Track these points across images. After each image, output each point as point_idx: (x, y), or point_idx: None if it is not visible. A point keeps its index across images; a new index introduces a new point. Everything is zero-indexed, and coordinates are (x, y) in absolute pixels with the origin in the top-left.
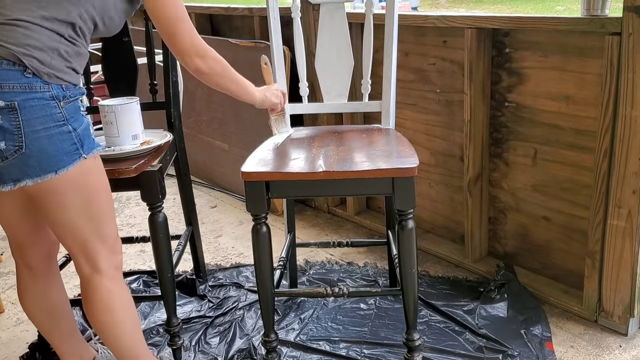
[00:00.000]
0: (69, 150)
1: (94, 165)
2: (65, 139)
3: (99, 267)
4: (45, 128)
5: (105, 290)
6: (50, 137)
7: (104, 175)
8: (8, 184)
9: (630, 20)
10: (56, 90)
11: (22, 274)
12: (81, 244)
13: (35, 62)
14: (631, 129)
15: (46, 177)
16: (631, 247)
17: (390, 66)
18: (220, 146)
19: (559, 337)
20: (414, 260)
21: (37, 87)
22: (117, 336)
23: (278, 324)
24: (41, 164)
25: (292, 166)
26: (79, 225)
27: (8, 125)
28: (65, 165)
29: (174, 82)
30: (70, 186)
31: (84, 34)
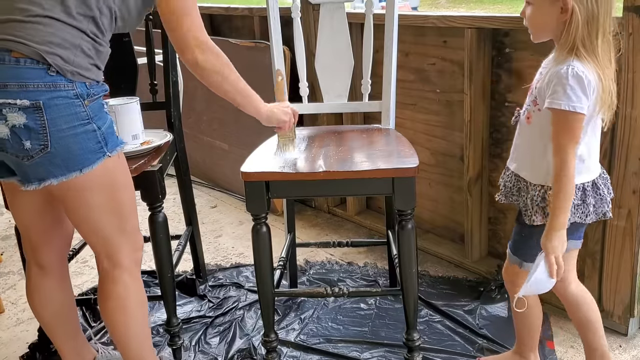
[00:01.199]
0: (94, 148)
1: (117, 163)
2: (90, 137)
3: (121, 262)
4: (70, 127)
5: (123, 286)
6: (75, 136)
7: (128, 172)
8: (33, 183)
9: (630, 20)
10: (80, 89)
11: (33, 273)
12: (104, 241)
13: (59, 60)
14: (631, 129)
15: (71, 176)
16: (631, 247)
17: (390, 66)
18: (220, 146)
19: (559, 337)
20: (414, 260)
21: (62, 86)
22: (128, 335)
23: (278, 324)
24: (66, 163)
25: (292, 166)
26: (103, 222)
27: (33, 124)
28: (90, 163)
29: (174, 82)
30: (94, 184)
31: (105, 30)
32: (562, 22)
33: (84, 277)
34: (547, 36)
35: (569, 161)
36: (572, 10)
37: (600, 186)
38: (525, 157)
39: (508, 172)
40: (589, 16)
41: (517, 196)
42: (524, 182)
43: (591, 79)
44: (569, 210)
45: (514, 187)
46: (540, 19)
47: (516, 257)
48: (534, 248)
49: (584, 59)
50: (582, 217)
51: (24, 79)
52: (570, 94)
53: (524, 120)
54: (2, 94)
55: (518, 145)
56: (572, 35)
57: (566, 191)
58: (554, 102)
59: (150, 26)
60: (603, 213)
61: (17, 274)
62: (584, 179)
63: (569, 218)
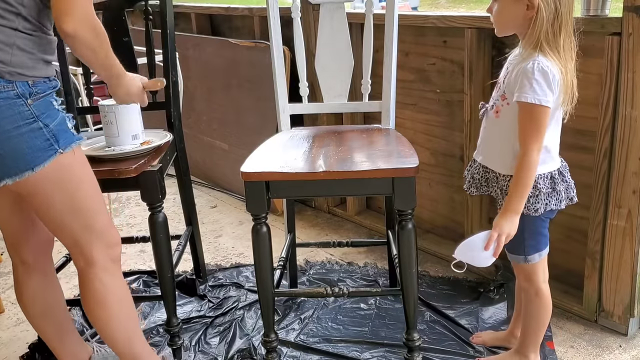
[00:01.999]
0: (43, 146)
1: (73, 159)
2: (37, 135)
3: (94, 259)
4: (15, 127)
5: (99, 283)
6: (21, 136)
7: (87, 168)
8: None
9: (630, 20)
10: (21, 88)
11: (18, 271)
12: (73, 239)
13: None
14: (631, 129)
15: (24, 176)
16: (631, 247)
17: (390, 66)
18: (220, 146)
19: (559, 337)
20: (414, 260)
21: (0, 87)
22: (113, 332)
23: (278, 324)
24: (16, 163)
25: (292, 166)
26: (66, 221)
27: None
28: (40, 162)
29: (174, 82)
30: (50, 183)
31: (36, 21)
32: (528, 19)
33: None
34: (511, 32)
35: (533, 152)
36: (538, 8)
37: (564, 173)
38: (493, 149)
39: (475, 164)
40: (553, 14)
41: (487, 187)
42: (492, 173)
43: (555, 73)
44: (526, 197)
45: (482, 179)
46: (506, 15)
47: (517, 255)
48: (528, 238)
49: (547, 54)
50: (557, 204)
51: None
52: (536, 87)
53: (492, 114)
54: None
55: (485, 138)
56: (537, 32)
57: (527, 179)
58: (521, 95)
59: (150, 26)
60: (570, 198)
61: None
62: (550, 168)
63: (545, 207)
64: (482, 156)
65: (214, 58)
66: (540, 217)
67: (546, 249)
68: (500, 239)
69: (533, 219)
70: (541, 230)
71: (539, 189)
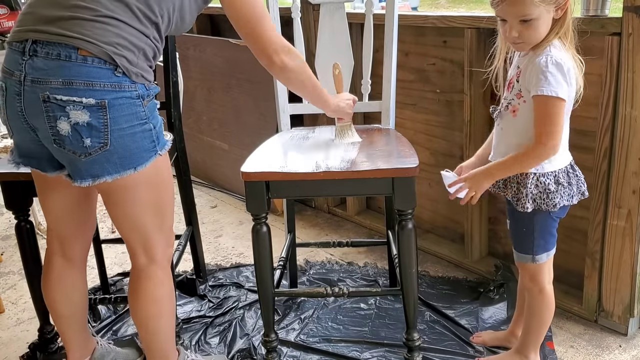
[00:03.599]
0: (148, 147)
1: (164, 162)
2: (146, 136)
3: (156, 258)
4: (130, 126)
5: (158, 281)
6: (133, 135)
7: (170, 171)
8: (86, 179)
9: (630, 20)
10: (141, 90)
11: (56, 265)
12: (144, 237)
13: (125, 62)
14: (631, 129)
15: (125, 174)
16: (631, 247)
17: (390, 66)
18: (220, 146)
19: (559, 337)
20: (414, 260)
21: (126, 87)
22: (157, 328)
23: (278, 324)
24: (122, 161)
25: (292, 166)
26: (146, 219)
27: (96, 122)
28: (144, 162)
29: (174, 83)
30: (144, 182)
31: (163, 35)
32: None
33: None
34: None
35: (547, 147)
36: (566, 4)
37: (575, 168)
38: (509, 148)
39: None
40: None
41: (504, 187)
42: None
43: (570, 66)
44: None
45: (501, 180)
46: (542, 28)
47: (525, 255)
48: (538, 237)
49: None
50: (569, 199)
51: (91, 77)
52: (551, 80)
53: (509, 114)
54: (67, 91)
55: (503, 138)
56: (564, 28)
57: (525, 165)
58: (537, 89)
59: None
60: (582, 192)
61: (17, 274)
62: (565, 162)
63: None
64: (501, 157)
65: (214, 58)
66: (552, 217)
67: (553, 249)
68: (470, 194)
69: (544, 218)
70: (551, 230)
71: (560, 184)
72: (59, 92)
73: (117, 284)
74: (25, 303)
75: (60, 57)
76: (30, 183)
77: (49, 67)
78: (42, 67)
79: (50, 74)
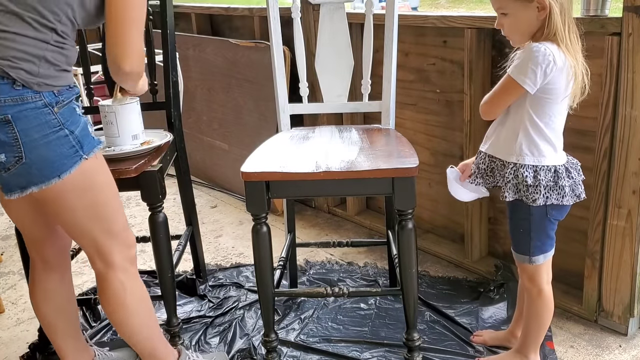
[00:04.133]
0: (69, 153)
1: (96, 164)
2: (64, 142)
3: (113, 262)
4: (42, 136)
5: (119, 285)
6: (48, 144)
7: (108, 172)
8: (15, 192)
9: (630, 20)
10: (48, 98)
11: (37, 268)
12: (93, 243)
13: (23, 74)
14: (631, 129)
15: (50, 183)
16: (631, 247)
17: (390, 66)
18: (220, 146)
19: (558, 337)
20: (414, 260)
21: (29, 98)
22: (133, 331)
23: (278, 324)
24: (43, 171)
25: (292, 166)
26: (88, 225)
27: (5, 137)
28: (67, 168)
29: (174, 82)
30: (75, 189)
31: (67, 36)
32: (541, 21)
33: (84, 277)
34: (528, 38)
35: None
36: (550, 7)
37: (571, 170)
38: (499, 137)
39: (481, 154)
40: (560, 7)
41: (492, 177)
42: (499, 161)
43: (559, 61)
44: None
45: (488, 169)
46: (520, 24)
47: (522, 255)
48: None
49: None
50: (559, 199)
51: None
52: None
53: None
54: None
55: (492, 127)
56: (552, 29)
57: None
58: (513, 70)
59: (150, 26)
60: (577, 195)
61: (17, 274)
62: (554, 162)
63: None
64: (488, 145)
65: (214, 58)
66: (549, 219)
67: (551, 251)
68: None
69: (541, 219)
70: (548, 232)
71: (539, 180)
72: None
73: None
74: (25, 303)
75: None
76: None
77: None
78: None
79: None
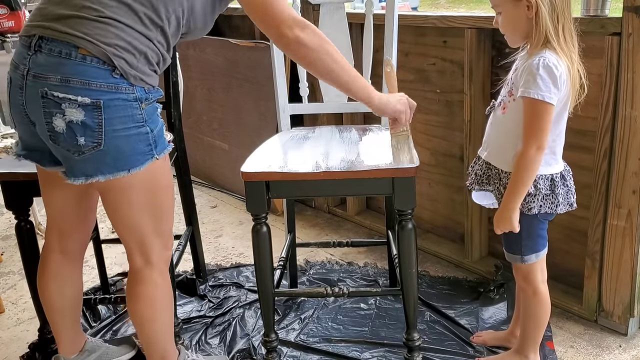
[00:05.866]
0: (144, 150)
1: (163, 165)
2: (142, 139)
3: (152, 260)
4: (125, 128)
5: (154, 284)
6: (128, 137)
7: (170, 174)
8: (79, 178)
9: (630, 20)
10: (139, 93)
11: (53, 259)
12: (140, 240)
13: (124, 64)
14: (631, 129)
15: (118, 175)
16: (631, 247)
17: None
18: (220, 146)
19: (558, 337)
20: (414, 260)
21: (123, 89)
22: (155, 330)
23: (278, 324)
24: (116, 162)
25: (292, 166)
26: (141, 222)
27: (90, 122)
28: (138, 164)
29: (174, 82)
30: (139, 185)
31: (170, 40)
32: (531, 19)
33: (84, 277)
34: (522, 38)
35: (531, 149)
36: (537, 5)
37: (566, 177)
38: (497, 146)
39: (480, 161)
40: (549, 7)
41: (488, 184)
42: (495, 169)
43: (562, 71)
44: (523, 195)
45: (484, 175)
46: (511, 22)
47: (514, 255)
48: (525, 238)
49: (554, 49)
50: (552, 208)
51: (88, 77)
52: (540, 83)
53: (500, 110)
54: (64, 88)
55: (490, 135)
56: (542, 29)
57: (525, 178)
58: (525, 91)
59: None
60: (570, 203)
61: (17, 274)
62: (553, 170)
63: (539, 208)
64: (487, 152)
65: (214, 58)
66: (538, 219)
67: (544, 250)
68: (511, 228)
69: (530, 220)
70: (539, 232)
71: (538, 189)
72: (56, 88)
73: (117, 284)
74: (25, 303)
75: (61, 54)
76: (30, 183)
77: (49, 63)
78: (43, 63)
79: (49, 70)
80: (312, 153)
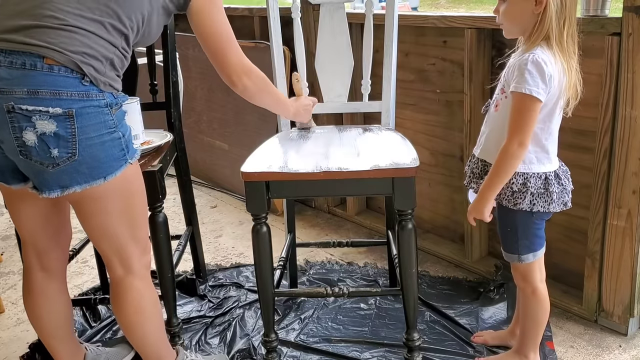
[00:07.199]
0: (118, 156)
1: (135, 170)
2: (116, 145)
3: (132, 268)
4: (99, 135)
5: (137, 291)
6: (102, 144)
7: (142, 179)
8: (54, 190)
9: (630, 21)
10: (109, 98)
11: (37, 278)
12: (117, 247)
13: (92, 71)
14: (631, 129)
15: (95, 184)
16: (631, 247)
17: (390, 66)
18: (220, 146)
19: (558, 337)
20: (414, 260)
21: (94, 95)
22: (145, 334)
23: (278, 324)
24: (92, 171)
25: (292, 166)
26: (118, 230)
27: (63, 132)
28: (114, 171)
29: (174, 83)
30: (114, 191)
31: (131, 46)
32: (535, 15)
33: (84, 277)
34: (519, 31)
35: (513, 144)
36: (547, 3)
37: (561, 177)
38: (491, 143)
39: (474, 159)
40: (559, 8)
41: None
42: (490, 166)
43: (552, 69)
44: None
45: (482, 172)
46: (514, 13)
47: (511, 254)
48: (521, 237)
49: (550, 48)
50: (545, 206)
51: (57, 86)
52: (528, 78)
53: (493, 108)
54: (32, 100)
55: (484, 132)
56: (545, 28)
57: (503, 171)
58: (514, 86)
59: None
60: (564, 202)
61: (17, 274)
62: (546, 169)
63: (532, 206)
64: (480, 149)
65: None
66: (534, 219)
67: (541, 250)
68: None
69: (526, 218)
70: (535, 232)
71: (527, 187)
72: (23, 102)
73: None
74: None
75: (25, 66)
76: None
77: (13, 76)
78: (6, 77)
79: (14, 83)
80: (312, 153)
